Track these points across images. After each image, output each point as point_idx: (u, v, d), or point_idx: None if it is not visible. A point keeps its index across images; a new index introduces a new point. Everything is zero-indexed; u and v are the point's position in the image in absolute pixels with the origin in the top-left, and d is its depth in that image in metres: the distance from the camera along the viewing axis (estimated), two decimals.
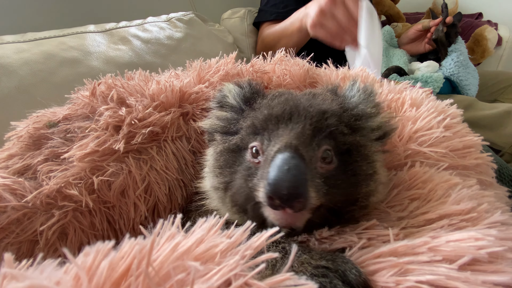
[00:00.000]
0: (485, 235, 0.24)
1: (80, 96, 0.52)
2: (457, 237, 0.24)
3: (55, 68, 0.77)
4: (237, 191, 0.34)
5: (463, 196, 0.31)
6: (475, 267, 0.22)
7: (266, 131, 0.34)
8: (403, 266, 0.22)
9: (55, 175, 0.42)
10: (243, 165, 0.35)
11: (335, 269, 0.23)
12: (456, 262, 0.22)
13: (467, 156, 0.42)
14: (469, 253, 0.22)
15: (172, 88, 0.51)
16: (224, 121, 0.41)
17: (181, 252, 0.17)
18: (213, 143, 0.42)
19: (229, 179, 0.36)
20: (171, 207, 0.46)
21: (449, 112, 0.46)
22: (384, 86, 0.53)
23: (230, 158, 0.37)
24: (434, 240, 0.24)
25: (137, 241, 0.17)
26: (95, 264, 0.15)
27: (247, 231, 0.20)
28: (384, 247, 0.24)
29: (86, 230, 0.41)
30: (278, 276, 0.18)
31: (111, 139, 0.45)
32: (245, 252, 0.18)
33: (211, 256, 0.17)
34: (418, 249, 0.23)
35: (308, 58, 0.66)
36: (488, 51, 1.51)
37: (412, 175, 0.36)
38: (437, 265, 0.22)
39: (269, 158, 0.30)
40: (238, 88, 0.42)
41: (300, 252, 0.27)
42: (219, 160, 0.38)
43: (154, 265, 0.15)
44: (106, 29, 0.95)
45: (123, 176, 0.43)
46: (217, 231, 0.20)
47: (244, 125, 0.37)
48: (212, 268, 0.16)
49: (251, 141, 0.35)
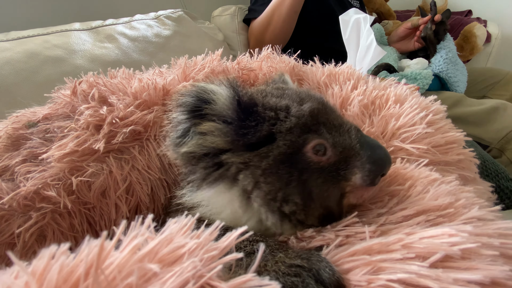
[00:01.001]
0: (459, 231, 0.24)
1: (60, 95, 0.51)
2: (431, 234, 0.24)
3: (38, 67, 0.75)
4: (321, 195, 0.31)
5: (441, 192, 0.31)
6: (448, 263, 0.22)
7: (319, 126, 0.32)
8: (376, 264, 0.22)
9: (33, 176, 0.41)
10: (310, 168, 0.31)
11: (309, 267, 0.23)
12: (429, 259, 0.22)
13: (449, 152, 0.42)
14: (441, 249, 0.22)
15: (155, 86, 0.50)
16: (228, 134, 0.31)
17: (143, 254, 0.16)
18: (210, 173, 0.32)
19: (295, 193, 0.30)
20: (154, 207, 0.45)
21: (432, 108, 0.46)
22: (369, 83, 0.53)
23: (282, 172, 0.30)
24: (408, 237, 0.24)
25: (96, 243, 0.16)
26: (47, 269, 0.14)
27: (216, 231, 0.20)
28: (358, 245, 0.24)
29: (66, 232, 0.40)
30: (241, 277, 0.17)
31: (91, 138, 0.44)
32: (209, 253, 0.17)
33: (177, 257, 0.17)
34: (392, 247, 0.23)
35: (295, 55, 0.65)
36: (477, 48, 1.53)
37: (393, 172, 0.36)
38: (409, 263, 0.21)
39: (352, 146, 0.32)
40: (228, 89, 0.32)
41: (277, 251, 0.26)
42: (267, 182, 0.30)
43: (111, 269, 0.14)
44: (92, 27, 0.93)
45: (104, 177, 0.42)
46: (186, 231, 0.19)
47: (282, 128, 0.31)
48: (171, 270, 0.15)
49: (307, 141, 0.31)
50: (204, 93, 0.32)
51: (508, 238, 0.25)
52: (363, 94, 0.49)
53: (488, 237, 0.24)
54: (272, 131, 0.31)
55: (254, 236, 0.30)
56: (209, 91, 0.32)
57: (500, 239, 0.25)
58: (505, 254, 0.24)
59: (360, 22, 0.75)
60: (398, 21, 1.70)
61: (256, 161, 0.31)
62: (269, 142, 0.31)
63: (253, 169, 0.31)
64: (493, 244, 0.23)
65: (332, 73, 0.57)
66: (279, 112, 0.32)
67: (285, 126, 0.31)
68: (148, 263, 0.15)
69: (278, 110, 0.33)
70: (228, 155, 0.32)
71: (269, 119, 0.32)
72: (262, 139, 0.31)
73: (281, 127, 0.31)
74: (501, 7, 1.91)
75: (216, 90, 0.32)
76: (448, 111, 1.13)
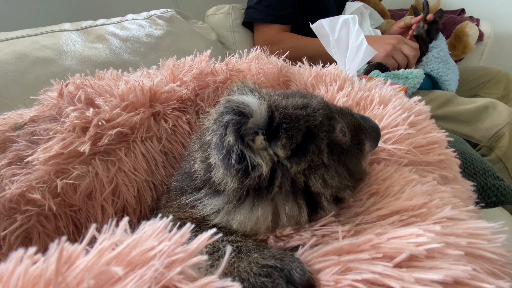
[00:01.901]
0: (426, 231, 0.25)
1: (47, 97, 0.51)
2: (399, 234, 0.24)
3: (26, 68, 0.75)
4: (357, 171, 0.36)
5: (416, 192, 0.32)
6: (414, 263, 0.23)
7: (333, 113, 0.36)
8: (344, 265, 0.23)
9: (18, 179, 0.41)
10: (343, 151, 0.35)
11: (282, 268, 0.23)
12: (395, 259, 0.22)
13: (430, 152, 0.43)
14: (407, 249, 0.23)
15: (142, 88, 0.50)
16: (297, 138, 0.31)
17: (111, 256, 0.16)
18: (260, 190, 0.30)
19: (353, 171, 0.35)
20: (141, 208, 0.46)
21: (415, 109, 0.46)
22: (355, 84, 0.54)
23: (332, 162, 0.33)
24: (378, 237, 0.24)
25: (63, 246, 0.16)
26: (13, 273, 0.14)
27: (187, 233, 0.20)
28: (330, 246, 0.25)
29: (51, 234, 0.41)
30: (204, 279, 0.18)
31: (77, 141, 0.44)
32: (174, 256, 0.18)
33: (147, 260, 0.17)
34: (362, 247, 0.24)
35: (283, 56, 0.66)
36: (469, 47, 1.54)
37: (374, 173, 0.37)
38: (375, 263, 0.22)
39: (357, 123, 0.38)
40: (259, 99, 0.30)
41: (254, 251, 0.27)
42: (331, 177, 0.32)
43: (76, 272, 0.15)
44: (82, 27, 0.93)
45: (90, 179, 0.43)
46: (159, 233, 0.20)
47: (316, 122, 0.32)
48: (134, 273, 0.16)
49: (335, 127, 0.35)
50: (242, 107, 0.29)
51: (477, 237, 0.26)
52: (348, 95, 0.50)
53: (456, 236, 0.25)
54: (309, 127, 0.32)
55: (235, 236, 0.30)
56: (246, 104, 0.29)
57: (468, 239, 0.25)
58: (472, 254, 0.24)
59: (349, 22, 0.76)
60: (392, 20, 1.71)
61: (316, 160, 0.32)
62: (309, 139, 0.32)
63: (317, 169, 0.32)
64: (460, 244, 0.24)
65: (319, 74, 0.58)
66: (307, 109, 0.33)
67: (318, 119, 0.33)
68: (115, 266, 0.16)
69: (304, 107, 0.33)
70: (290, 166, 0.31)
71: (302, 117, 0.32)
72: (302, 138, 0.31)
73: (315, 121, 0.33)
74: (493, 6, 1.92)
75: (251, 102, 0.29)
76: (439, 110, 1.15)
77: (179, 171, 0.43)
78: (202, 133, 0.39)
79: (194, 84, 0.56)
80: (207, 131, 0.33)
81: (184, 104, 0.54)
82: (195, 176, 0.35)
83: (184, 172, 0.39)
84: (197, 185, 0.35)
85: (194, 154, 0.38)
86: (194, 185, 0.35)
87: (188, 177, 0.37)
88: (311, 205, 0.32)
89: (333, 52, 0.85)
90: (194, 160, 0.37)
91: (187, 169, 0.38)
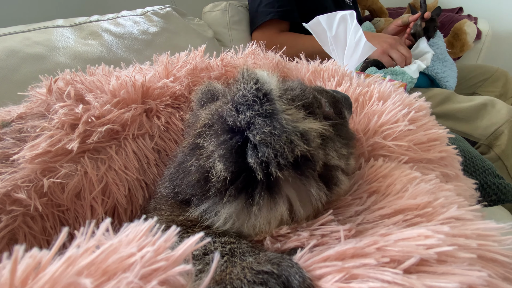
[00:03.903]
0: (435, 232, 0.23)
1: (36, 94, 0.50)
2: (407, 235, 0.23)
3: (17, 65, 0.73)
4: (352, 139, 0.38)
5: (420, 190, 0.30)
6: (423, 268, 0.21)
7: (313, 92, 0.37)
8: (349, 271, 0.21)
9: (3, 178, 0.39)
10: (334, 124, 0.36)
11: (279, 274, 0.22)
12: (403, 264, 0.21)
13: (431, 149, 0.41)
14: (416, 253, 0.21)
15: (134, 83, 0.48)
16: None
17: (82, 265, 0.15)
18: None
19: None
20: (132, 208, 0.44)
21: (415, 105, 0.45)
22: (354, 80, 0.52)
23: (333, 134, 0.34)
24: (383, 239, 0.23)
25: (31, 254, 0.15)
26: None
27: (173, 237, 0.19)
28: (332, 250, 0.23)
29: (38, 235, 0.39)
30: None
31: (65, 138, 0.42)
32: (155, 264, 0.16)
33: (125, 268, 0.16)
34: (367, 250, 0.22)
35: (280, 51, 0.64)
36: (467, 45, 1.53)
37: (373, 170, 0.36)
38: (383, 270, 0.20)
39: (333, 96, 0.40)
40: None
41: (248, 254, 0.25)
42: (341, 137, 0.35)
43: (40, 284, 0.13)
44: (76, 23, 0.91)
45: (78, 178, 0.41)
46: (142, 237, 0.18)
47: (309, 101, 0.33)
48: (106, 285, 0.14)
49: (320, 104, 0.37)
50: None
51: (487, 239, 0.24)
52: (347, 91, 0.48)
53: (465, 238, 0.23)
54: (303, 105, 0.33)
55: (228, 237, 0.29)
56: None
57: (478, 240, 0.24)
58: (483, 257, 0.23)
59: (347, 18, 0.74)
60: (390, 19, 1.70)
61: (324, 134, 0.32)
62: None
63: (327, 142, 0.32)
64: (471, 246, 0.23)
65: (316, 70, 0.56)
66: (296, 90, 0.34)
67: (309, 97, 0.34)
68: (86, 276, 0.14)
69: (292, 89, 0.33)
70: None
71: (296, 97, 0.32)
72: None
73: (307, 100, 0.34)
74: (491, 4, 1.92)
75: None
76: (437, 108, 1.14)
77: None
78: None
79: (188, 80, 0.54)
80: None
81: (177, 100, 0.53)
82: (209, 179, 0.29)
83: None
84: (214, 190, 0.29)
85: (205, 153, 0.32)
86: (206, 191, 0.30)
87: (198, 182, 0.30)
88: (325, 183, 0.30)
89: (331, 49, 0.83)
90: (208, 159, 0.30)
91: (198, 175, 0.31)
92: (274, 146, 0.25)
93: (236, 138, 0.27)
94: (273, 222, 0.29)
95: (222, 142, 0.27)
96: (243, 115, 0.26)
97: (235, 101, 0.27)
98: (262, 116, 0.26)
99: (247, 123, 0.26)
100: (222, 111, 0.29)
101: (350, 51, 0.77)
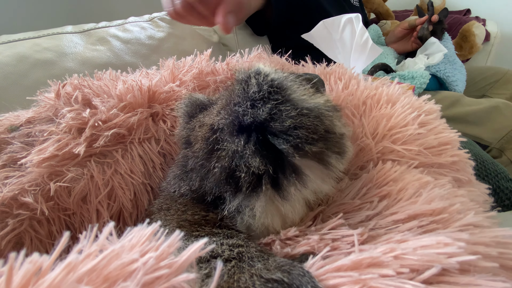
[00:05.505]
0: (455, 239, 0.22)
1: (44, 98, 0.50)
2: (425, 243, 0.21)
3: (27, 70, 0.74)
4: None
5: (434, 195, 0.29)
6: (444, 278, 0.20)
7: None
8: (365, 283, 0.20)
9: (10, 181, 0.40)
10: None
11: (290, 283, 0.21)
12: (423, 274, 0.20)
13: (442, 153, 0.40)
14: (437, 262, 0.20)
15: (140, 88, 0.49)
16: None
17: (83, 272, 0.14)
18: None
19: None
20: (137, 213, 0.44)
21: (424, 108, 0.44)
22: (361, 82, 0.52)
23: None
24: (400, 246, 0.22)
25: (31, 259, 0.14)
26: None
27: (177, 242, 0.18)
28: (346, 259, 0.22)
29: (44, 239, 0.39)
30: None
31: (72, 142, 0.42)
32: (158, 272, 0.16)
33: (127, 275, 0.15)
34: (383, 258, 0.21)
35: (286, 55, 0.64)
36: (476, 47, 1.51)
37: (382, 173, 0.35)
38: (403, 282, 0.19)
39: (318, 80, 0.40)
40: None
41: (257, 259, 0.25)
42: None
43: None
44: (84, 30, 0.92)
45: (84, 182, 0.41)
46: (145, 242, 0.18)
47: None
48: None
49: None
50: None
51: (507, 247, 0.23)
52: (354, 94, 0.48)
53: (485, 246, 0.22)
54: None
55: (236, 239, 0.28)
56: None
57: (498, 249, 0.23)
58: (505, 266, 0.22)
59: (352, 21, 0.74)
60: (396, 21, 1.68)
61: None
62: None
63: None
64: (492, 255, 0.21)
65: (323, 73, 0.56)
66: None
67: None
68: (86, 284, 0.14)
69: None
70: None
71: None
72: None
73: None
74: (499, 6, 1.89)
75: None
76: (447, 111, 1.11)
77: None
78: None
79: (194, 84, 0.54)
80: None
81: None
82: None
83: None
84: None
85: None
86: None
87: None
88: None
89: (336, 53, 0.83)
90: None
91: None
92: (306, 125, 0.27)
93: (255, 134, 0.28)
94: (298, 208, 0.30)
95: (246, 141, 0.28)
96: (263, 108, 0.27)
97: (249, 98, 0.28)
98: (283, 103, 0.27)
99: (268, 114, 0.27)
100: (233, 112, 0.29)
101: (356, 54, 0.76)
